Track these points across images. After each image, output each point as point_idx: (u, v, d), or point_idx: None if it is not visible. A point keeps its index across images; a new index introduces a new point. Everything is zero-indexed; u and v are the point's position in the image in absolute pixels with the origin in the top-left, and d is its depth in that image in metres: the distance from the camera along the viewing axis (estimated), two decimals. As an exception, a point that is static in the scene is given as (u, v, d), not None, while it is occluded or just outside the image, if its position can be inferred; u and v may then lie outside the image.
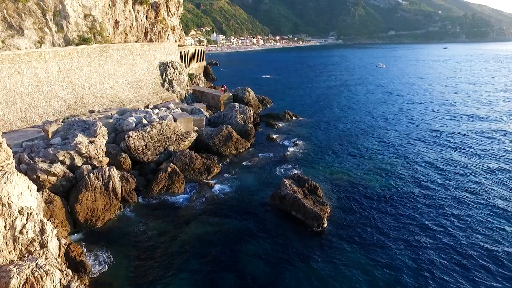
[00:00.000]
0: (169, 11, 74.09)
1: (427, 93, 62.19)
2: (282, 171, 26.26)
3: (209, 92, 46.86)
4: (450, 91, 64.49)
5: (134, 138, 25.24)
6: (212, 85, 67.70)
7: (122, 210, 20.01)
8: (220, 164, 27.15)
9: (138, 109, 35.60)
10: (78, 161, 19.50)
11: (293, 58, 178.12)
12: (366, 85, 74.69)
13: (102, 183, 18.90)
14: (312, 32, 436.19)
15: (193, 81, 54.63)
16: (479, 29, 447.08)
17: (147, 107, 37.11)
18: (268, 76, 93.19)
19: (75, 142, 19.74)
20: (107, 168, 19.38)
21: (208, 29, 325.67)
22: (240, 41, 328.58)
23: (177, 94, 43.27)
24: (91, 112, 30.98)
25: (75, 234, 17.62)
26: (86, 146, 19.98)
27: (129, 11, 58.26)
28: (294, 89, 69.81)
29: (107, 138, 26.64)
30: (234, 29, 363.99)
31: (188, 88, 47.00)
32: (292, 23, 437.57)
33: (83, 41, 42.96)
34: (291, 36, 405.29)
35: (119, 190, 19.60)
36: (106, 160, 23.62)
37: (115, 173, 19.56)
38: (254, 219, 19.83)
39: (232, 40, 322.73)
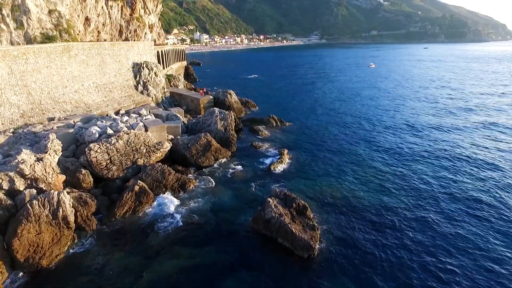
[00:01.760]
0: (147, 8, 70.13)
1: (421, 94, 60.79)
2: (266, 185, 23.54)
3: (188, 95, 43.65)
4: (443, 91, 63.55)
5: (96, 151, 21.92)
6: (193, 86, 64.33)
7: (76, 241, 16.75)
8: (197, 179, 24.17)
9: (107, 115, 32.15)
10: (20, 184, 16.13)
11: (278, 58, 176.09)
12: (357, 86, 72.53)
13: (49, 211, 15.61)
14: (296, 31, 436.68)
15: (172, 83, 51.21)
16: (457, 30, 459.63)
17: (117, 112, 33.64)
18: (252, 77, 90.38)
19: (17, 160, 16.35)
20: (56, 192, 16.09)
21: (191, 28, 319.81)
22: (224, 40, 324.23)
23: (152, 98, 39.85)
24: (51, 119, 27.35)
25: (12, 278, 14.32)
26: (31, 166, 16.62)
27: (102, 7, 54.27)
28: (279, 90, 67.29)
29: (66, 151, 23.31)
30: (218, 28, 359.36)
31: (165, 90, 43.63)
32: (276, 23, 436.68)
33: (47, 39, 39.08)
34: (275, 35, 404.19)
35: (71, 218, 16.35)
36: (61, 178, 20.28)
37: (66, 197, 16.29)
38: (235, 248, 17.02)
39: (215, 39, 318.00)
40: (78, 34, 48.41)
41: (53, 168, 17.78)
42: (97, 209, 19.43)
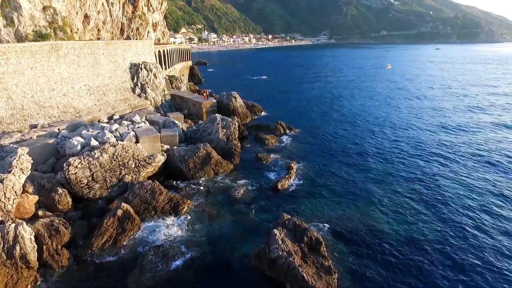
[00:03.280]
0: (150, 5, 67.42)
1: (449, 99, 56.62)
2: (272, 208, 20.30)
3: (190, 98, 40.64)
4: (470, 94, 59.44)
5: (76, 167, 18.96)
6: (197, 88, 61.42)
7: (39, 283, 13.78)
8: (193, 198, 21.05)
9: (99, 121, 29.35)
10: (-30, 215, 13.24)
11: (286, 58, 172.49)
12: (373, 88, 68.18)
13: (2, 249, 12.66)
14: (304, 31, 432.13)
15: (174, 85, 48.32)
16: (470, 30, 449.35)
17: (111, 117, 30.82)
18: (259, 78, 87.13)
19: (-31, 184, 13.45)
20: (13, 225, 13.12)
21: (200, 27, 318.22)
22: (232, 40, 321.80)
23: (150, 101, 36.93)
24: (33, 127, 24.58)
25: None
26: (-14, 191, 13.72)
27: (102, 4, 51.73)
28: (288, 93, 63.86)
29: (43, 165, 20.49)
30: (226, 27, 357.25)
31: (165, 93, 40.71)
32: (284, 22, 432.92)
33: (40, 37, 36.65)
34: (283, 35, 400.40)
35: (32, 256, 13.38)
36: (33, 199, 17.40)
37: (26, 231, 13.32)
38: (233, 294, 13.88)
39: (223, 38, 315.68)
40: (76, 32, 45.92)
41: (15, 192, 14.85)
42: (73, 238, 16.49)
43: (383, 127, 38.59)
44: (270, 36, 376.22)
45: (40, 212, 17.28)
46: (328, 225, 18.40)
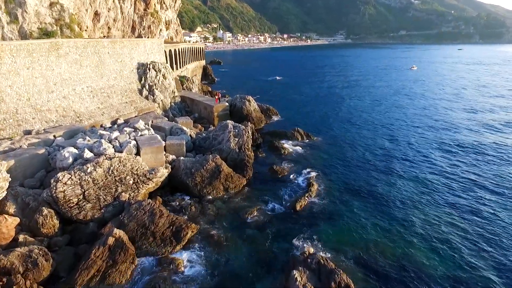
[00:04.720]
0: (163, 3, 65.36)
1: (485, 102, 52.25)
2: (289, 235, 17.23)
3: (201, 101, 37.98)
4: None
5: (65, 184, 16.46)
6: (210, 89, 58.88)
7: (6, 334, 11.29)
8: (199, 221, 18.22)
9: (101, 125, 27.05)
10: None
11: (302, 58, 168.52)
12: (402, 92, 63.44)
13: (-44, 298, 10.19)
14: (321, 30, 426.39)
15: (185, 86, 45.86)
16: (494, 30, 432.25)
17: (115, 122, 28.50)
18: (274, 78, 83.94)
19: None
20: (-30, 267, 10.64)
21: (215, 26, 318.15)
22: (247, 39, 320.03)
23: (158, 104, 34.47)
24: (27, 133, 22.37)
25: None
26: None
27: (113, 1, 49.87)
28: (304, 95, 60.48)
29: (31, 179, 18.15)
30: (241, 26, 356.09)
31: (175, 95, 38.22)
32: (300, 21, 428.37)
33: (45, 35, 34.82)
34: (299, 34, 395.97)
35: (-4, 304, 10.88)
36: (14, 221, 15.02)
37: (-12, 274, 10.81)
38: None
39: (238, 37, 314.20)
40: (85, 30, 44.11)
41: (-17, 220, 12.41)
42: (55, 271, 13.94)
43: (418, 136, 34.56)
44: (285, 36, 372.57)
45: (20, 237, 14.85)
46: (357, 259, 15.23)
